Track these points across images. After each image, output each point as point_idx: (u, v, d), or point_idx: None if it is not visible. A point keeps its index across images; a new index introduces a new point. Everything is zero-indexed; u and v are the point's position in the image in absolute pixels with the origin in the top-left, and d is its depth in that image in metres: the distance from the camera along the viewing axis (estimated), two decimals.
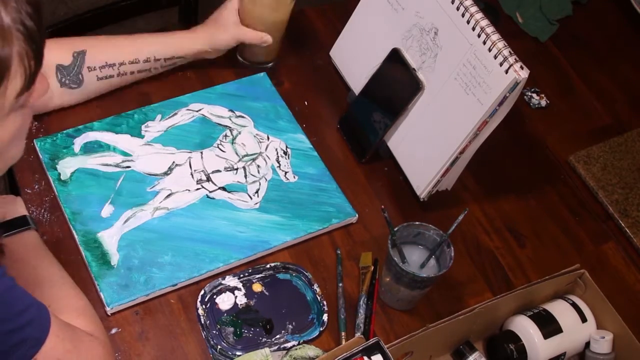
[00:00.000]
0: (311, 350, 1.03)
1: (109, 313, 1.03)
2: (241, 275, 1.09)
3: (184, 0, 1.97)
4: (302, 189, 1.19)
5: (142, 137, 1.19)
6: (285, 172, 1.20)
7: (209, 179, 1.17)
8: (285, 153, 1.22)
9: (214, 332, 1.04)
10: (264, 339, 1.05)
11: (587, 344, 1.09)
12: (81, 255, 1.06)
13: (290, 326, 1.07)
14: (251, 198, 1.16)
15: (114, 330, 1.02)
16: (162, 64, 1.23)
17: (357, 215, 1.18)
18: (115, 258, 1.07)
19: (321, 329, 1.07)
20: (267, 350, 1.02)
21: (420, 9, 1.18)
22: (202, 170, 1.17)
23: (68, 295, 0.97)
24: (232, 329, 1.05)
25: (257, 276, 1.10)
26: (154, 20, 2.10)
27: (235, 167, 1.19)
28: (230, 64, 1.33)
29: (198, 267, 1.08)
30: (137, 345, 1.01)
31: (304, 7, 1.46)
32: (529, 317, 1.08)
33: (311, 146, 1.24)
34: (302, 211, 1.17)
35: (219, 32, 1.25)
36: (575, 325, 1.09)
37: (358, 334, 1.06)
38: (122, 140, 1.18)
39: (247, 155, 1.21)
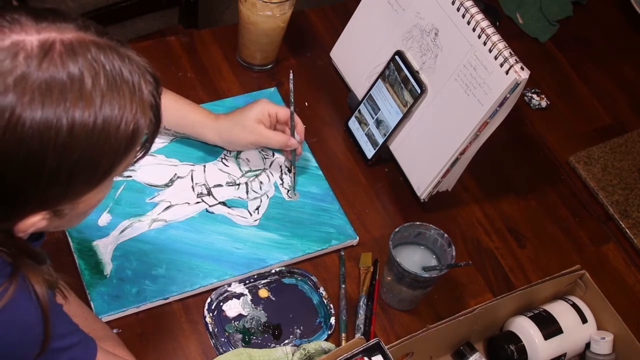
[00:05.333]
0: (325, 344, 1.03)
1: None
2: (247, 282, 1.09)
3: (184, 1, 1.97)
4: (303, 208, 1.17)
5: None
6: (288, 190, 1.19)
7: (209, 193, 1.15)
8: (289, 170, 1.21)
9: (223, 339, 1.03)
10: (272, 345, 1.04)
11: (588, 345, 1.09)
12: (75, 263, 1.05)
13: (298, 331, 1.07)
14: (251, 215, 1.15)
15: (114, 331, 1.01)
16: (173, 133, 1.19)
17: (357, 237, 1.16)
18: (108, 268, 1.05)
19: (329, 332, 1.07)
20: (288, 348, 1.02)
21: (420, 10, 1.18)
22: (204, 184, 1.16)
23: (104, 327, 0.98)
24: (240, 336, 1.04)
25: (263, 282, 1.10)
26: (154, 21, 2.10)
27: (237, 182, 1.18)
28: (231, 65, 1.33)
29: (191, 282, 1.06)
30: (137, 346, 1.01)
31: (304, 8, 1.46)
32: (530, 317, 1.08)
33: (316, 165, 1.23)
34: (301, 231, 1.15)
35: (238, 131, 1.15)
36: (575, 326, 1.09)
37: (358, 335, 1.06)
38: None
39: (250, 170, 1.19)
